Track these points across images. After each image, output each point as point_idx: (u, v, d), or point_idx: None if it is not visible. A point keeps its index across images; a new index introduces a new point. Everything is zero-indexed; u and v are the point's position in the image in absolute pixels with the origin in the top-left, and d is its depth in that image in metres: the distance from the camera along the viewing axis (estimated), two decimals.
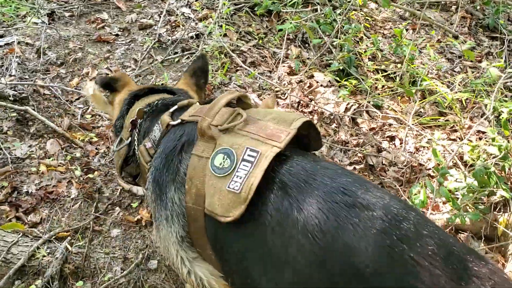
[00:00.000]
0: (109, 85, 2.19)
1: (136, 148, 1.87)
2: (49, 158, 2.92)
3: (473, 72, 4.41)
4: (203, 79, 2.31)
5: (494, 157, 2.94)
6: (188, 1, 4.51)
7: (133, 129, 1.91)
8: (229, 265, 1.50)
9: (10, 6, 4.01)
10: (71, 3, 4.27)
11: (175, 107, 1.83)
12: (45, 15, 3.98)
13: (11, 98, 3.10)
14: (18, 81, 3.25)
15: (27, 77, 3.36)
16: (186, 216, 1.51)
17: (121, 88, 2.18)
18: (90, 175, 2.87)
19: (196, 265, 1.60)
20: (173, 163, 1.58)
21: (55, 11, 4.10)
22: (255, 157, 1.39)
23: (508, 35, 4.80)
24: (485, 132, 3.59)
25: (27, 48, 3.63)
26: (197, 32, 4.12)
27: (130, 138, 1.91)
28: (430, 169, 3.36)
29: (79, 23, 4.12)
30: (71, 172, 2.87)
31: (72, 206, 2.69)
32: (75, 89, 3.40)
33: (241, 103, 1.70)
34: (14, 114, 3.05)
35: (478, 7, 5.27)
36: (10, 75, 3.30)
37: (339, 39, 4.02)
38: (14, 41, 3.55)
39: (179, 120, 1.70)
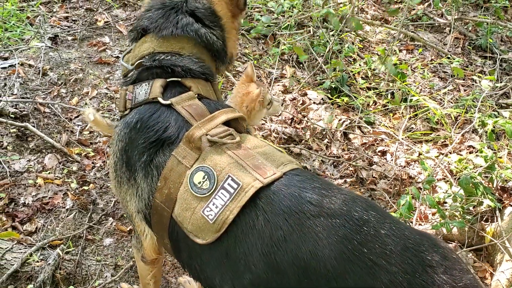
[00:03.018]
0: None
1: (124, 83, 1.76)
2: (46, 171, 3.02)
3: (465, 90, 4.50)
4: None
5: (480, 167, 3.00)
6: None
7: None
8: (186, 259, 1.54)
9: (16, 30, 4.19)
10: (74, 27, 4.45)
11: (175, 79, 1.67)
12: (48, 38, 4.14)
13: (11, 115, 3.23)
14: (19, 99, 3.39)
15: (28, 96, 3.49)
16: (151, 207, 1.53)
17: None
18: (86, 188, 2.96)
19: (147, 228, 1.67)
20: (147, 148, 1.53)
21: (58, 35, 4.28)
22: (235, 189, 1.36)
23: (500, 55, 4.91)
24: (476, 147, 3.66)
25: (30, 70, 3.78)
26: None
27: (132, 69, 1.75)
28: (420, 182, 3.41)
29: (81, 46, 4.28)
30: (67, 184, 2.97)
31: (67, 216, 2.78)
32: (74, 106, 3.52)
33: (235, 123, 1.61)
34: (14, 130, 3.17)
35: (471, 28, 5.39)
36: (12, 94, 3.43)
37: (331, 59, 4.14)
38: (16, 63, 3.70)
39: (168, 102, 1.58)
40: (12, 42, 4.06)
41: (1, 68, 3.72)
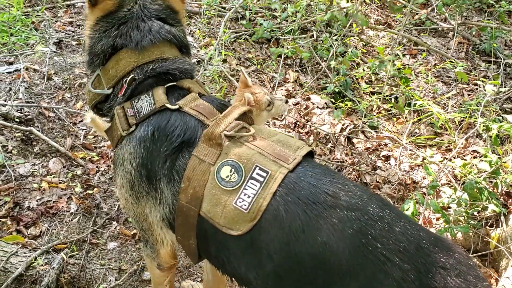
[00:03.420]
0: None
1: (114, 104, 1.70)
2: (51, 175, 3.03)
3: (469, 95, 4.50)
4: None
5: (485, 172, 3.00)
6: (191, 30, 4.69)
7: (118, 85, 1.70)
8: (214, 253, 1.56)
9: (21, 35, 4.21)
10: (79, 32, 4.46)
11: (174, 83, 1.68)
12: (53, 43, 4.16)
13: (16, 120, 3.24)
14: (24, 104, 3.40)
15: (33, 100, 3.51)
16: (175, 210, 1.54)
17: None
18: (90, 192, 2.97)
19: (169, 234, 1.69)
20: (169, 155, 1.54)
21: (63, 39, 4.29)
22: (264, 177, 1.41)
23: (504, 59, 4.90)
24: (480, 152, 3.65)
25: (35, 74, 3.80)
26: (199, 59, 4.28)
27: (112, 90, 1.70)
28: (424, 186, 3.41)
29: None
30: (72, 188, 2.98)
31: (71, 220, 2.79)
32: (79, 111, 3.53)
33: (244, 116, 1.64)
34: (19, 135, 3.18)
35: (475, 33, 5.38)
36: (17, 98, 3.45)
37: (335, 61, 4.15)
38: (21, 68, 3.72)
39: (176, 106, 1.59)
40: (17, 47, 4.07)
41: (7, 72, 3.74)
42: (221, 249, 1.50)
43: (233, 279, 1.58)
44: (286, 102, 2.57)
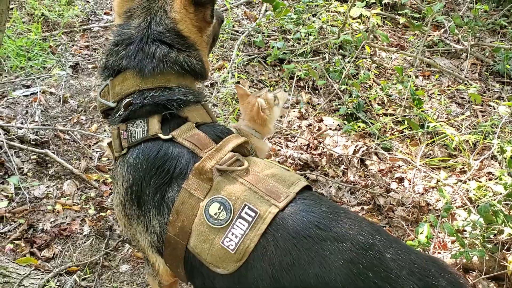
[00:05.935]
0: None
1: (115, 120, 1.68)
2: (65, 197, 3.06)
3: (483, 116, 4.47)
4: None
5: (500, 195, 2.95)
6: None
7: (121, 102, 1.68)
8: (199, 285, 1.56)
9: (38, 59, 4.30)
10: (94, 56, 4.55)
11: (171, 112, 1.64)
12: (69, 67, 4.24)
13: (32, 142, 3.29)
14: (40, 126, 3.46)
15: (49, 123, 3.57)
16: (163, 241, 1.53)
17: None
18: (103, 214, 2.99)
19: (159, 258, 1.67)
20: (159, 188, 1.52)
21: (79, 63, 4.38)
22: (252, 217, 1.38)
23: None
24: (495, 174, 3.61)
25: (51, 97, 3.87)
26: (212, 81, 4.32)
27: (116, 105, 1.67)
28: (438, 209, 3.37)
29: None
30: (85, 210, 3.00)
31: (84, 242, 2.80)
32: (93, 133, 3.57)
33: (240, 147, 1.61)
34: (35, 157, 3.23)
35: (488, 54, 5.37)
36: (34, 121, 3.51)
37: (347, 85, 4.16)
38: (38, 91, 3.79)
39: (169, 136, 1.56)
40: (34, 71, 4.16)
41: (23, 96, 3.81)
42: (207, 283, 1.49)
43: None
44: (285, 90, 2.65)
